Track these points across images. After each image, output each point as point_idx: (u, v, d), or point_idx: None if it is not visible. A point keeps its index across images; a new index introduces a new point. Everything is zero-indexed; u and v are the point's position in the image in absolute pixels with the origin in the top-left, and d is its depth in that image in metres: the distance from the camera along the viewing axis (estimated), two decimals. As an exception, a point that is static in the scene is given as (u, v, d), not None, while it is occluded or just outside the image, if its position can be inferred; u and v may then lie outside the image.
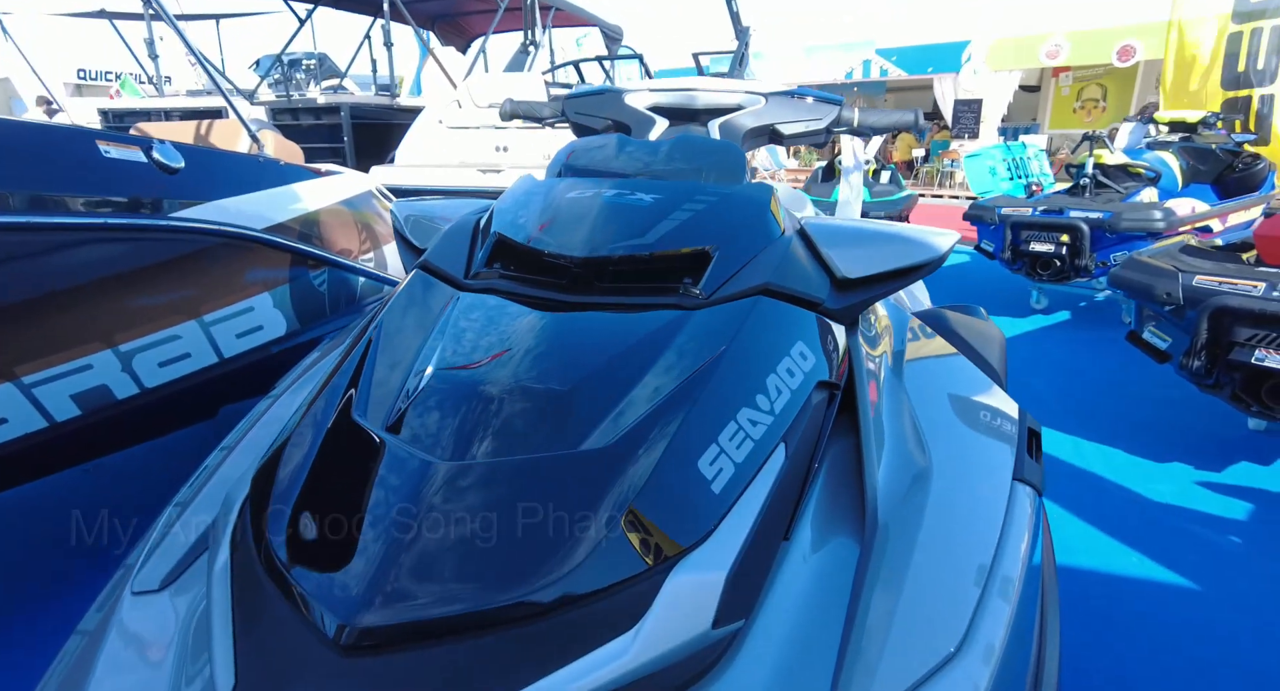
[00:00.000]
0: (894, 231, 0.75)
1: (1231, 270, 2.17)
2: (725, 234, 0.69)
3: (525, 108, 1.24)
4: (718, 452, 0.53)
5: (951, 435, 0.70)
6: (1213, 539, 1.98)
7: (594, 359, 0.58)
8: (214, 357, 1.74)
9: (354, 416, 0.58)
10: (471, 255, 0.74)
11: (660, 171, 0.80)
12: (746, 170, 0.83)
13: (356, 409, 0.59)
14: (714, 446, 0.53)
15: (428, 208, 0.93)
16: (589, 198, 0.72)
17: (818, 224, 0.77)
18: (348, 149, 4.98)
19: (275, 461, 0.58)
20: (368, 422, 0.57)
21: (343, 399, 0.61)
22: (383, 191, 2.42)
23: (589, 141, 0.87)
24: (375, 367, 0.62)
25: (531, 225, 0.71)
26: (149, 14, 5.61)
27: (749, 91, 1.12)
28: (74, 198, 1.40)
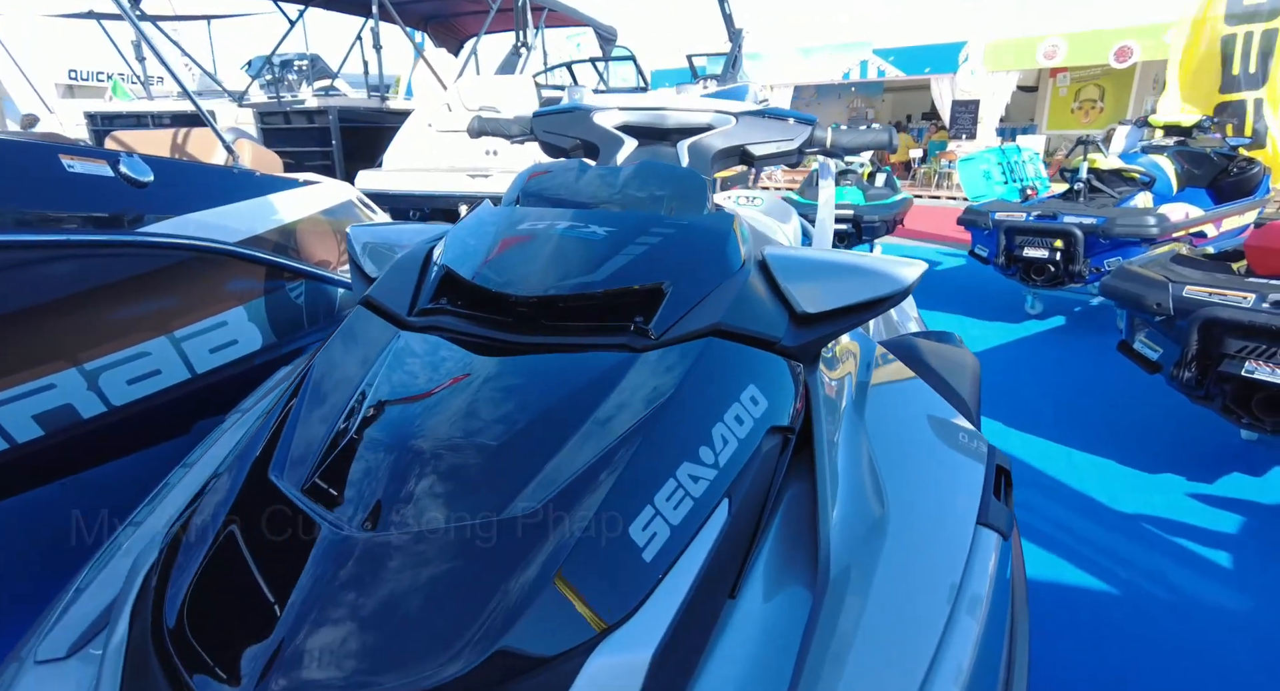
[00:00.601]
0: (858, 263, 0.72)
1: (1222, 281, 2.14)
2: (680, 269, 0.67)
3: (493, 125, 1.21)
4: (652, 515, 0.50)
5: (913, 478, 0.67)
6: (1205, 554, 1.96)
7: (531, 409, 0.56)
8: (186, 373, 1.70)
9: (270, 476, 0.55)
10: (419, 289, 0.71)
11: (620, 200, 0.77)
12: (710, 198, 0.80)
13: (274, 467, 0.56)
14: (648, 509, 0.50)
15: (386, 233, 0.90)
16: (541, 230, 0.69)
17: (779, 255, 0.74)
18: (335, 153, 4.94)
19: (186, 526, 0.55)
20: (283, 484, 0.54)
21: (261, 453, 0.58)
22: (364, 201, 2.39)
23: (549, 167, 0.84)
24: (299, 418, 0.59)
25: (480, 258, 0.68)
26: (136, 15, 5.57)
27: (719, 111, 1.09)
28: (36, 214, 1.36)
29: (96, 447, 1.55)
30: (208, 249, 1.68)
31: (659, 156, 1.01)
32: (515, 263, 0.66)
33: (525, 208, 0.75)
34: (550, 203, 0.78)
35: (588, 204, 0.77)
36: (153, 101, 5.87)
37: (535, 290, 0.64)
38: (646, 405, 0.56)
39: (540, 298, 0.63)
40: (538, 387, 0.57)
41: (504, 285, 0.64)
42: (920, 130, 14.53)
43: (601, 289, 0.63)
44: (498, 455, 0.52)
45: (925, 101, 13.84)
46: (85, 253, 1.42)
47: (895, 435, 0.71)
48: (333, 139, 4.90)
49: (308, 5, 6.66)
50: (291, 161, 5.65)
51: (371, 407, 0.58)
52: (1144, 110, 11.95)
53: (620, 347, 0.62)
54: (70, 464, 1.52)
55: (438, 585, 0.45)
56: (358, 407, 0.58)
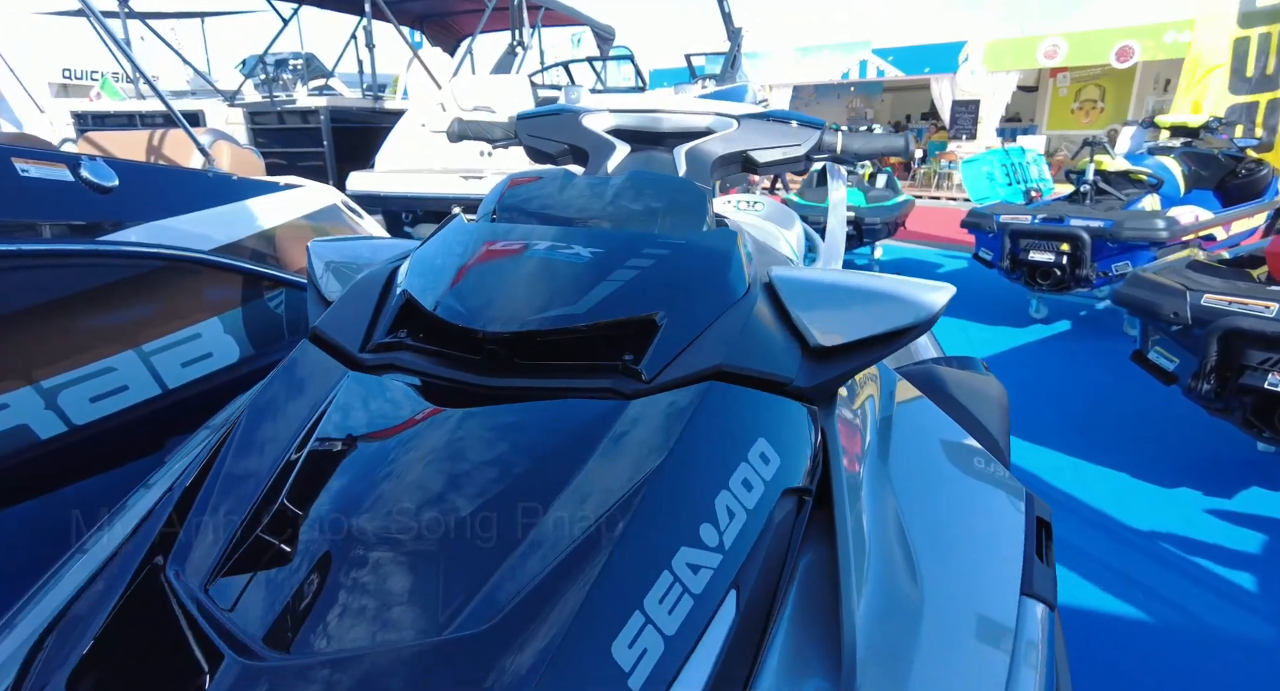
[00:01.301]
0: (878, 287, 0.63)
1: (1242, 289, 2.06)
2: (676, 296, 0.58)
3: (475, 128, 1.12)
4: (641, 625, 0.40)
5: (947, 541, 0.58)
6: (1225, 576, 1.87)
7: (494, 479, 0.46)
8: (156, 389, 1.61)
9: (167, 572, 0.46)
10: (375, 320, 0.62)
11: (608, 215, 0.68)
12: (710, 211, 0.71)
13: (173, 559, 0.47)
14: (636, 616, 0.40)
15: (351, 250, 0.81)
16: (516, 251, 0.60)
17: (789, 277, 0.65)
18: (327, 153, 4.84)
19: (68, 624, 0.46)
20: (181, 584, 0.45)
21: (160, 538, 0.49)
22: (349, 205, 2.29)
23: (530, 176, 0.75)
24: (215, 489, 0.50)
25: (445, 285, 0.59)
26: (124, 13, 5.46)
27: (719, 114, 1.00)
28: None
29: (57, 470, 1.46)
30: (178, 257, 1.59)
31: (653, 163, 0.92)
32: (485, 290, 0.57)
33: (501, 224, 0.66)
34: (531, 216, 0.69)
35: (572, 219, 0.68)
36: (144, 100, 5.77)
37: (506, 324, 0.55)
38: (635, 471, 0.46)
39: (512, 334, 0.55)
40: (504, 448, 0.48)
41: (470, 318, 0.55)
42: (920, 130, 14.45)
43: (585, 322, 0.54)
44: (449, 546, 0.43)
45: (924, 101, 13.77)
46: (41, 263, 1.33)
47: (923, 486, 0.62)
48: (324, 139, 4.81)
49: (301, 4, 6.57)
50: (283, 161, 5.57)
51: (302, 476, 0.49)
52: (1145, 110, 11.91)
53: (606, 393, 0.53)
54: (27, 488, 1.42)
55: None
56: (285, 476, 0.49)
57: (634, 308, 0.56)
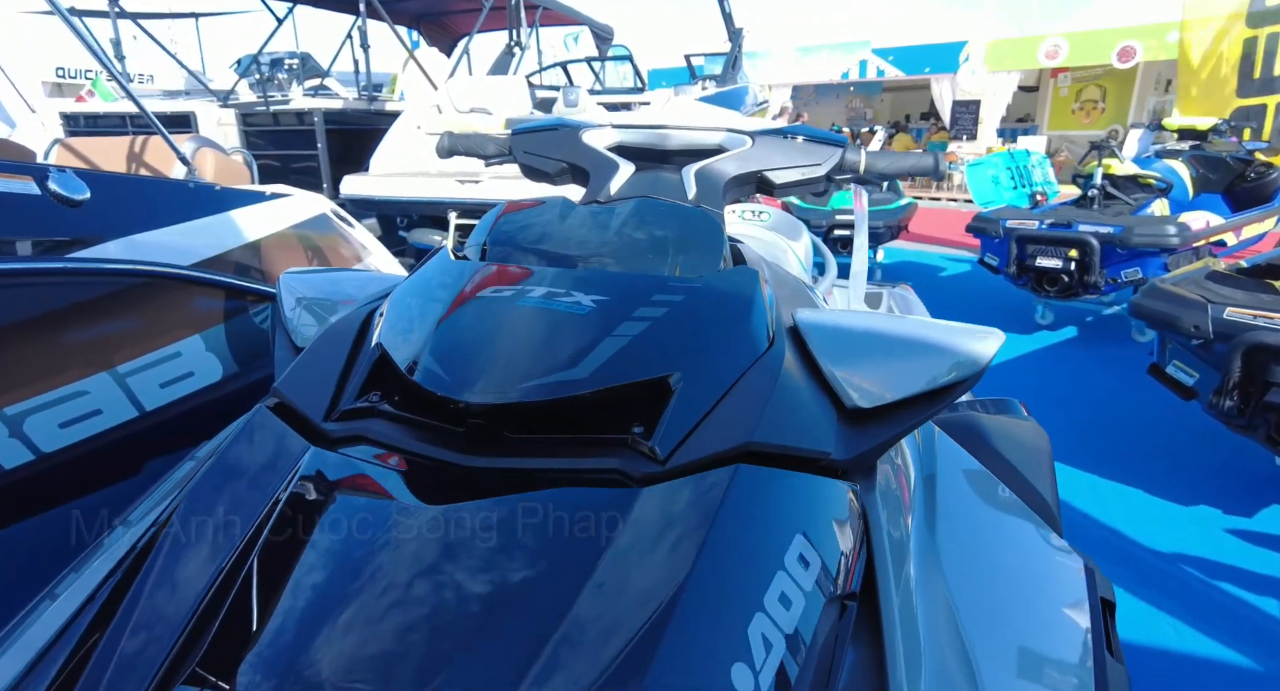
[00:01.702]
0: (920, 335, 0.55)
1: (1267, 302, 1.98)
2: (692, 354, 0.50)
3: (466, 143, 1.04)
4: None
5: (1005, 637, 0.50)
6: (1253, 605, 1.80)
7: (469, 602, 0.38)
8: (133, 412, 1.53)
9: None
10: (345, 379, 0.54)
11: (611, 251, 0.60)
12: (726, 245, 0.63)
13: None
14: None
15: (327, 284, 0.73)
16: (506, 300, 0.52)
17: (818, 323, 0.57)
18: (321, 156, 4.75)
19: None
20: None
21: (70, 663, 0.41)
22: (340, 213, 2.21)
23: (526, 202, 0.67)
24: (138, 607, 0.42)
25: (424, 338, 0.51)
26: (114, 12, 5.37)
27: (731, 130, 0.92)
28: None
29: (24, 500, 1.38)
30: (155, 273, 1.51)
31: (660, 185, 0.84)
32: (469, 348, 0.49)
33: (489, 265, 0.58)
34: (526, 252, 0.61)
35: (572, 256, 0.60)
36: (149, 102, 5.67)
37: (493, 394, 0.46)
38: (644, 602, 0.38)
39: (500, 407, 0.47)
40: (487, 556, 0.40)
41: (451, 385, 0.47)
42: (920, 130, 14.37)
43: (588, 389, 0.46)
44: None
45: (924, 101, 13.70)
46: (2, 283, 1.25)
47: (975, 566, 0.54)
48: (318, 142, 4.72)
49: (296, 3, 6.48)
50: (276, 163, 5.48)
51: (242, 594, 0.41)
52: (1146, 110, 11.85)
53: (612, 478, 0.45)
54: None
55: None
56: (225, 590, 0.41)
57: (645, 369, 0.48)
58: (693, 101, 4.45)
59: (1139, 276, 3.58)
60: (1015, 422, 0.73)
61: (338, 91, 8.55)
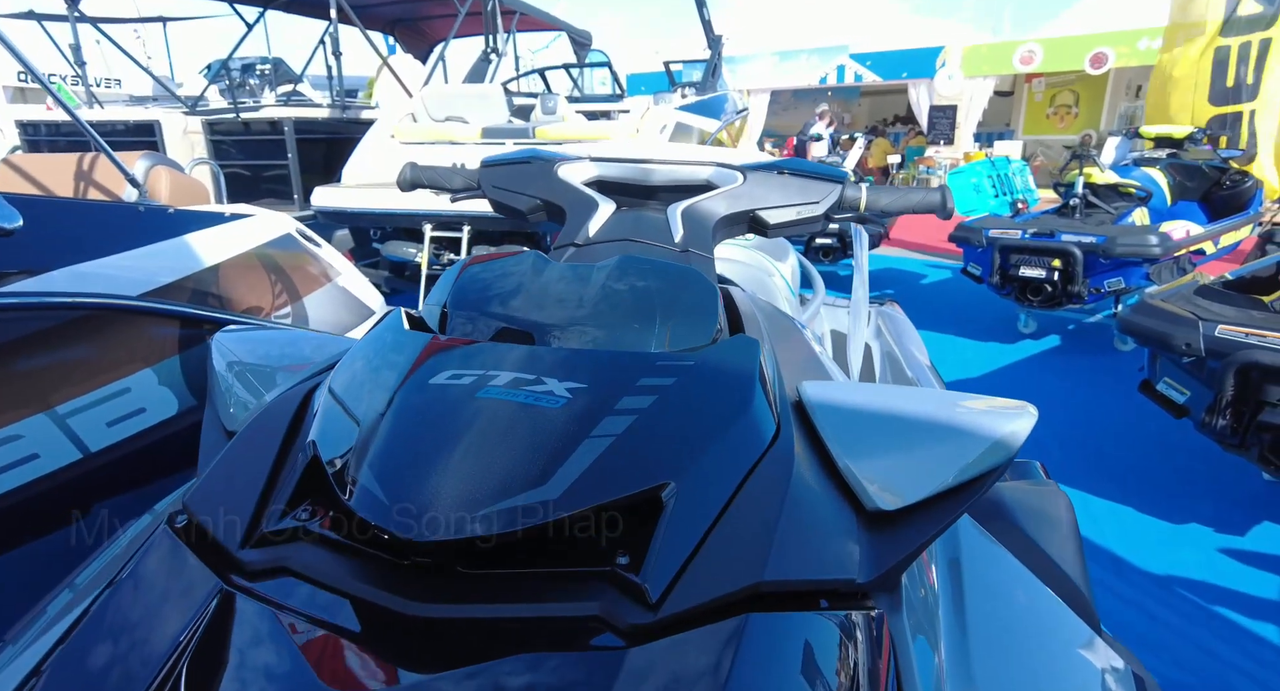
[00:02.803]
0: (942, 416, 0.48)
1: (1259, 320, 1.96)
2: (686, 458, 0.42)
3: (430, 176, 0.95)
4: None
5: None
6: (1253, 631, 1.76)
7: None
8: (76, 454, 1.42)
9: None
10: (273, 485, 0.45)
11: (589, 318, 0.52)
12: (720, 308, 0.56)
13: None
14: None
15: (267, 347, 0.64)
16: (464, 390, 0.44)
17: (828, 403, 0.50)
18: (292, 166, 4.62)
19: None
20: None
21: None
22: (306, 233, 2.11)
23: (492, 259, 0.59)
24: None
25: (364, 444, 0.43)
26: (73, 16, 5.19)
27: (721, 164, 0.84)
28: None
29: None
30: (99, 305, 1.40)
31: (644, 225, 0.77)
32: (417, 462, 0.40)
33: (448, 339, 0.50)
34: (491, 318, 0.53)
35: (545, 326, 0.52)
36: (94, 110, 5.47)
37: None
38: None
39: (454, 542, 0.38)
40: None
41: (394, 513, 0.37)
42: (898, 135, 14.47)
43: (561, 513, 0.38)
44: None
45: (901, 105, 13.78)
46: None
47: (1013, 678, 0.47)
48: (289, 152, 4.58)
49: (265, 8, 6.33)
50: (246, 172, 5.33)
51: None
52: (1118, 114, 12.04)
53: (592, 625, 0.37)
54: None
55: None
56: None
57: (630, 481, 0.40)
58: (673, 109, 4.38)
59: (1122, 286, 3.58)
60: (1035, 489, 0.66)
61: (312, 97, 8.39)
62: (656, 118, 4.13)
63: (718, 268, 0.84)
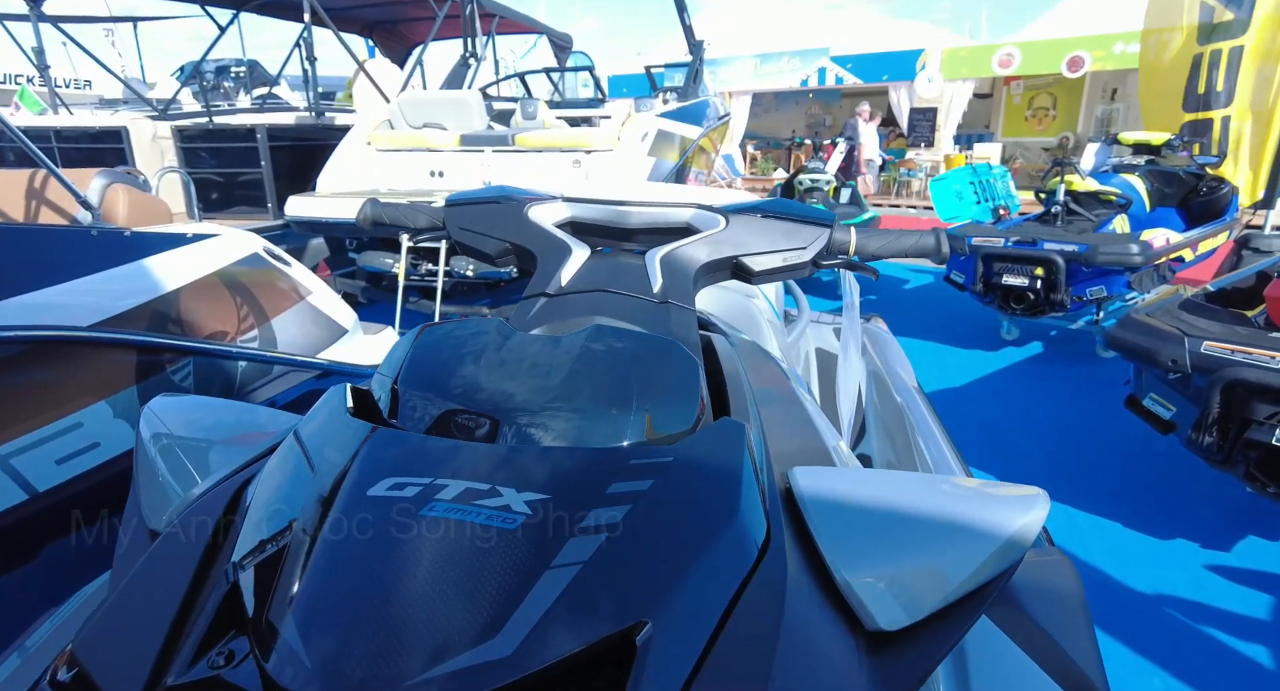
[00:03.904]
0: (948, 513, 0.44)
1: (1244, 336, 1.94)
2: (664, 587, 0.37)
3: (392, 213, 0.89)
4: None
5: None
6: (1241, 652, 1.74)
7: None
8: (20, 494, 1.34)
9: None
10: (183, 623, 0.39)
11: (556, 404, 0.47)
12: (703, 386, 0.51)
13: None
14: None
15: (203, 418, 0.58)
16: (406, 506, 0.38)
17: (820, 497, 0.45)
18: (266, 175, 4.50)
19: None
20: None
21: None
22: (274, 252, 2.03)
23: (448, 328, 0.53)
24: None
25: (286, 581, 0.37)
26: (34, 15, 5.02)
27: (702, 207, 0.79)
28: None
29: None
30: (47, 338, 1.32)
31: (620, 273, 0.71)
32: (349, 609, 0.35)
33: (392, 436, 0.44)
34: (446, 398, 0.48)
35: (506, 413, 0.46)
36: (59, 116, 5.30)
37: (377, 686, 0.33)
38: None
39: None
40: None
41: (320, 684, 0.33)
42: (880, 136, 14.52)
43: (515, 677, 0.33)
44: None
45: (883, 107, 13.84)
46: None
47: None
48: (262, 160, 4.47)
49: (239, 10, 6.20)
50: (220, 180, 5.20)
51: None
52: (1095, 117, 12.18)
53: None
54: None
55: None
56: None
57: (597, 623, 0.34)
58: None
59: (1104, 294, 3.58)
60: (1041, 563, 0.61)
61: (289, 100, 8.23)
62: (638, 125, 4.08)
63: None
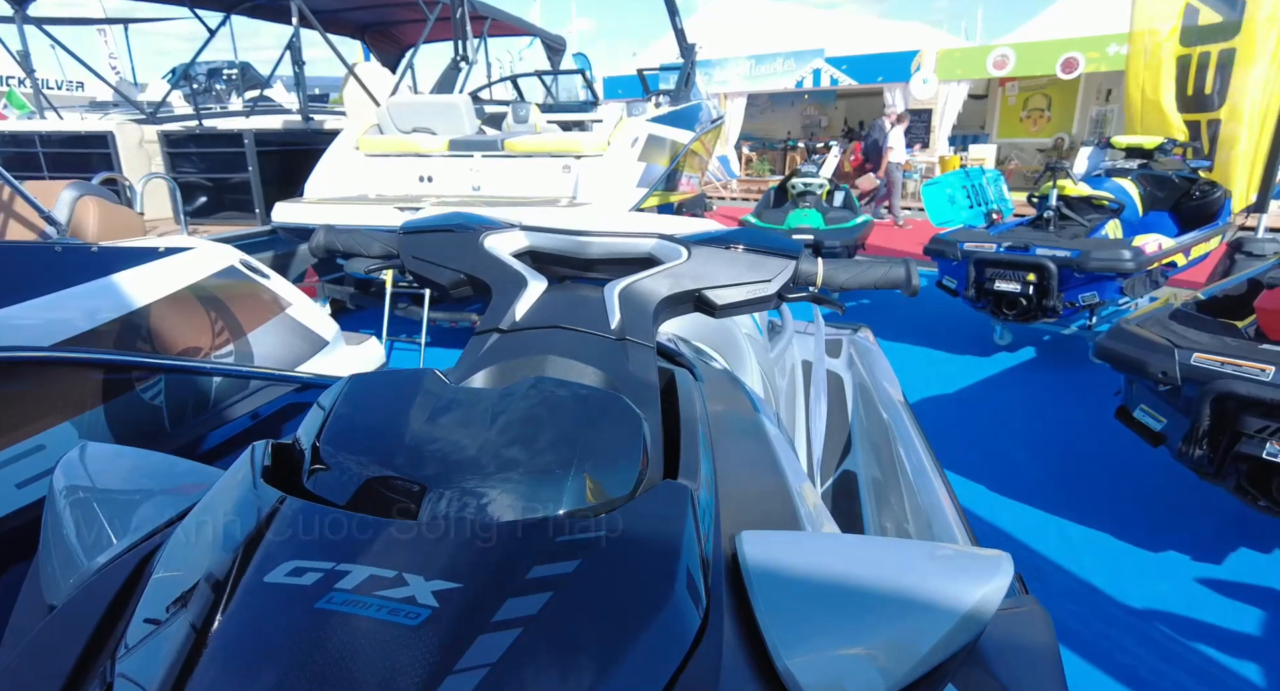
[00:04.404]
0: (902, 582, 0.41)
1: (1234, 348, 1.92)
2: (593, 679, 0.34)
3: (346, 241, 0.86)
4: None
5: None
6: (1232, 669, 1.72)
7: None
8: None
9: None
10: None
11: (486, 465, 0.44)
12: (645, 445, 0.48)
13: None
14: None
15: (124, 477, 0.55)
16: (300, 601, 0.35)
17: (766, 569, 0.42)
18: (253, 180, 4.46)
19: None
20: None
21: None
22: (251, 264, 2.00)
23: (379, 379, 0.50)
24: None
25: (174, 684, 0.34)
26: (19, 17, 4.97)
27: (664, 237, 0.76)
28: None
29: None
30: (5, 359, 1.29)
31: (578, 308, 0.68)
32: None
33: (298, 508, 0.41)
34: (366, 462, 0.45)
35: (428, 478, 0.43)
36: (60, 118, 5.24)
37: None
38: None
39: None
40: None
41: None
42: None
43: None
44: None
45: (878, 109, 13.83)
46: None
47: None
48: (249, 166, 4.42)
49: (229, 13, 6.15)
50: (209, 184, 5.15)
51: None
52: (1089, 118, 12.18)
53: None
54: None
55: None
56: None
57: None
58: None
59: (1096, 300, 3.56)
60: (1012, 614, 0.58)
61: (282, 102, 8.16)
62: (628, 130, 4.05)
63: None
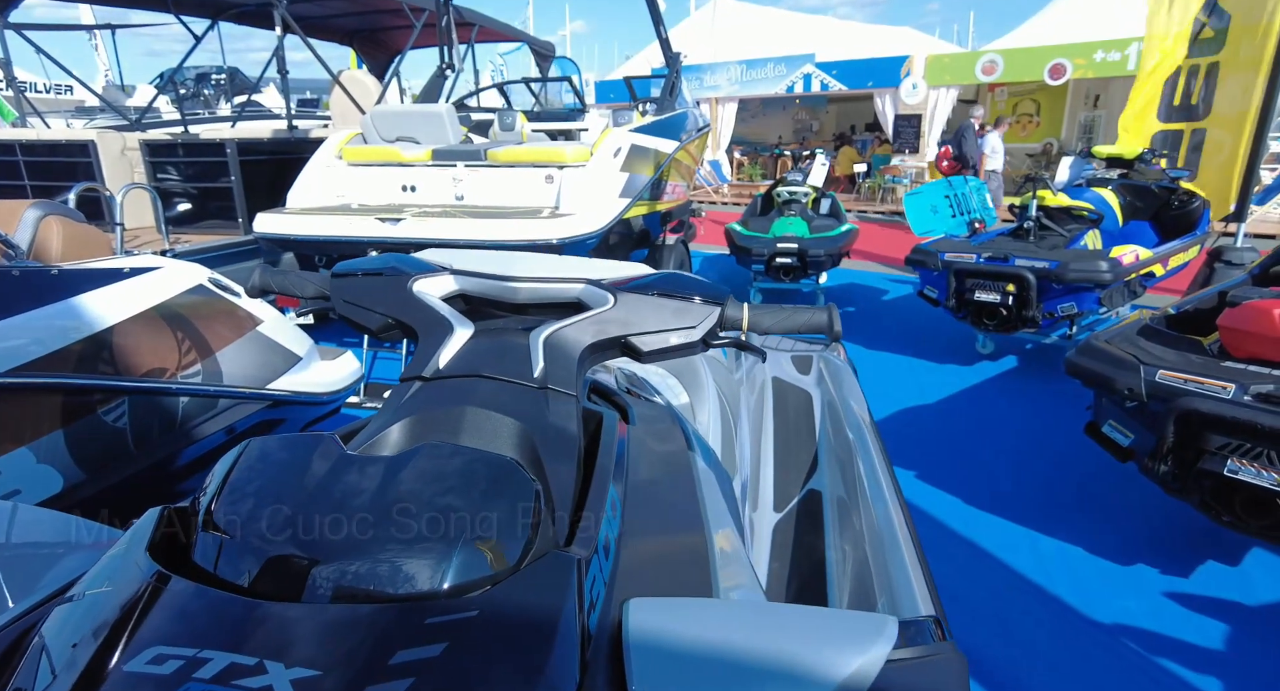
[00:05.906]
0: (784, 652, 0.41)
1: (1197, 365, 1.94)
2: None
3: (282, 282, 0.87)
4: None
5: None
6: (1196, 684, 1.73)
7: None
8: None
9: None
10: None
11: (369, 538, 0.44)
12: (535, 515, 0.48)
13: None
14: None
15: (29, 539, 0.55)
16: (161, 683, 0.36)
17: (648, 641, 0.42)
18: (236, 189, 4.45)
19: None
20: None
21: None
22: (221, 282, 1.99)
23: (276, 444, 0.51)
24: None
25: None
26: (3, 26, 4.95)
27: (591, 282, 0.77)
28: None
29: None
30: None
31: (502, 355, 0.69)
32: None
33: (174, 585, 0.42)
34: (250, 533, 0.45)
35: (310, 549, 0.44)
36: (46, 126, 5.21)
37: None
38: None
39: None
40: None
41: None
42: (865, 142, 14.57)
43: None
44: None
45: (869, 113, 13.89)
46: None
47: None
48: (232, 176, 4.41)
49: (215, 19, 6.15)
50: (193, 193, 5.14)
51: None
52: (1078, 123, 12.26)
53: None
54: None
55: None
56: None
57: None
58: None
59: (1075, 311, 3.59)
60: (925, 661, 0.55)
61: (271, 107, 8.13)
62: (611, 141, 4.05)
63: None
